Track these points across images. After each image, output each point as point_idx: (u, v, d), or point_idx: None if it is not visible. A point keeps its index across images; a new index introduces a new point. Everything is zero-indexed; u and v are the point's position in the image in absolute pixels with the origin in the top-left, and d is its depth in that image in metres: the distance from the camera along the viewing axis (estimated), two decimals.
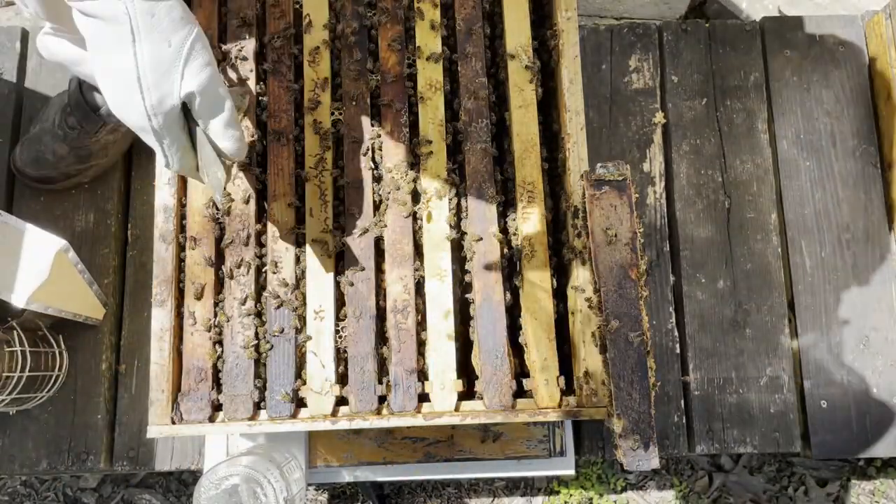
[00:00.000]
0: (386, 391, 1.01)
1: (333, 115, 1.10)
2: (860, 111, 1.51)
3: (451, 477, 1.29)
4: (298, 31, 1.13)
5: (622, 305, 0.86)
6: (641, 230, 1.11)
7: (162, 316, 1.03)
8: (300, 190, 1.08)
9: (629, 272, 0.87)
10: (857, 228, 1.46)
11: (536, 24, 1.16)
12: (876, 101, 1.51)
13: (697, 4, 1.85)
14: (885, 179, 1.48)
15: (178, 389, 1.03)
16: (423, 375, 1.02)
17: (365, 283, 1.04)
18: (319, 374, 1.02)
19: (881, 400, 1.40)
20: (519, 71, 1.10)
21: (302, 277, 1.06)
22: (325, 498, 1.60)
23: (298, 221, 1.07)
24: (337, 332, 1.03)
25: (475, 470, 1.26)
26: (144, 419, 1.35)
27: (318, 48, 1.12)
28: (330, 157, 1.09)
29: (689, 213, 1.46)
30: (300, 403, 1.02)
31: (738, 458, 1.62)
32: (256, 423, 1.00)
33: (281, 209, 1.07)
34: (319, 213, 1.07)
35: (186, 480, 1.60)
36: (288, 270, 1.05)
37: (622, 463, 0.85)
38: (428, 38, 1.12)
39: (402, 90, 1.10)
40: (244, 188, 1.07)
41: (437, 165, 1.07)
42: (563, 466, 1.26)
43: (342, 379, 1.03)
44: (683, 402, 1.40)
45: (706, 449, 1.38)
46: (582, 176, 0.92)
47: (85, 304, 1.32)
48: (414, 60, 1.11)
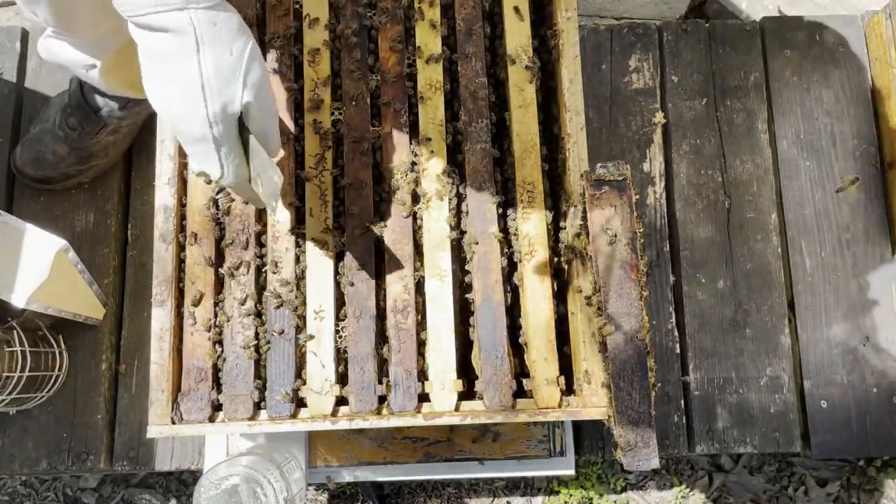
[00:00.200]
0: (386, 391, 1.01)
1: (333, 115, 1.10)
2: (860, 111, 1.51)
3: (451, 477, 1.30)
4: (299, 30, 1.13)
5: (622, 305, 0.86)
6: (641, 230, 1.11)
7: (162, 316, 1.03)
8: (300, 190, 1.08)
9: (629, 272, 0.87)
10: (857, 228, 1.46)
11: (536, 24, 1.16)
12: (876, 101, 1.51)
13: (697, 4, 1.84)
14: (885, 179, 1.48)
15: (178, 389, 1.03)
16: (423, 375, 1.02)
17: (365, 283, 1.04)
18: (319, 374, 1.02)
19: (881, 400, 1.40)
20: (519, 71, 1.10)
21: (302, 277, 1.06)
22: (325, 498, 1.60)
23: (298, 221, 1.07)
24: (337, 332, 1.03)
25: (475, 470, 1.27)
26: (144, 419, 1.35)
27: (318, 49, 1.12)
28: (330, 157, 1.09)
29: (689, 213, 1.46)
30: (300, 403, 1.02)
31: (738, 458, 1.62)
32: (256, 423, 1.00)
33: (281, 209, 1.07)
34: (319, 213, 1.07)
35: (186, 480, 1.60)
36: (288, 270, 1.05)
37: (622, 463, 0.84)
38: (428, 38, 1.12)
39: (402, 90, 1.10)
40: None
41: (437, 165, 1.07)
42: (563, 466, 1.26)
43: (342, 379, 1.03)
44: (683, 402, 1.40)
45: (706, 449, 1.38)
46: (582, 176, 0.92)
47: (85, 304, 1.33)
48: (414, 60, 1.11)
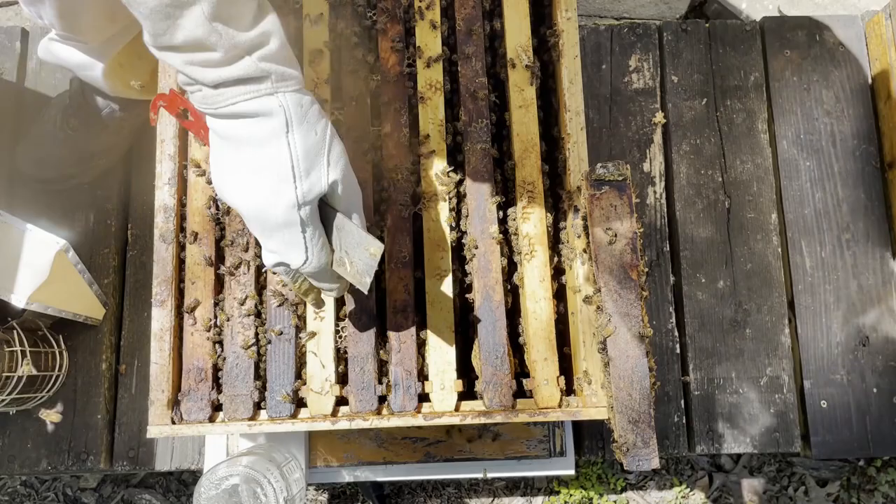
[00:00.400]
0: (386, 391, 1.01)
1: (333, 115, 1.10)
2: (860, 111, 1.51)
3: (451, 477, 1.30)
4: (299, 30, 1.13)
5: (622, 305, 0.86)
6: (641, 230, 1.11)
7: (162, 316, 1.03)
8: None
9: (629, 272, 0.87)
10: (857, 228, 1.46)
11: (536, 24, 1.16)
12: (876, 101, 1.51)
13: (697, 4, 1.84)
14: (885, 179, 1.48)
15: (178, 389, 1.03)
16: (422, 375, 1.02)
17: None
18: (319, 374, 1.02)
19: (881, 400, 1.40)
20: (519, 71, 1.10)
21: None
22: (325, 498, 1.60)
23: None
24: (337, 332, 1.03)
25: (475, 470, 1.26)
26: (144, 419, 1.35)
27: (318, 49, 1.12)
28: None
29: (689, 213, 1.46)
30: (300, 403, 1.02)
31: (738, 458, 1.62)
32: (256, 423, 1.00)
33: None
34: None
35: (186, 480, 1.60)
36: None
37: (622, 463, 0.85)
38: (428, 38, 1.12)
39: (402, 90, 1.10)
40: None
41: (437, 165, 1.07)
42: (563, 466, 1.27)
43: (342, 379, 1.03)
44: (683, 402, 1.40)
45: (706, 449, 1.38)
46: (582, 176, 0.92)
47: (85, 304, 1.33)
48: (414, 60, 1.11)
